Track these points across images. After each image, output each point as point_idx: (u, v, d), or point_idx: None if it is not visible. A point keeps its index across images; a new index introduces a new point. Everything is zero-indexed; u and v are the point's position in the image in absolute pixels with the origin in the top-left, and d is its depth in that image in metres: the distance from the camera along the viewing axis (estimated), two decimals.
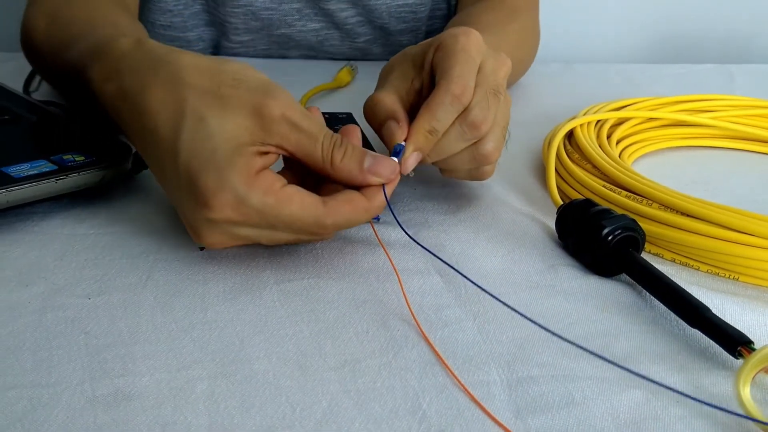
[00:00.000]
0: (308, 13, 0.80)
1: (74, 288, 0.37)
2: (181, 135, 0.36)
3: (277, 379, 0.32)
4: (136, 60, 0.40)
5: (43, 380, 0.31)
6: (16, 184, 0.41)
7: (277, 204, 0.36)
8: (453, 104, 0.41)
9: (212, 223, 0.37)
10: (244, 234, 0.38)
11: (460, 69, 0.42)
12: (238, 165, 0.35)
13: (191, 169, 0.36)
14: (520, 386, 0.32)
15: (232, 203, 0.36)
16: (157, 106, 0.37)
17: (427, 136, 0.42)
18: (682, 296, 0.37)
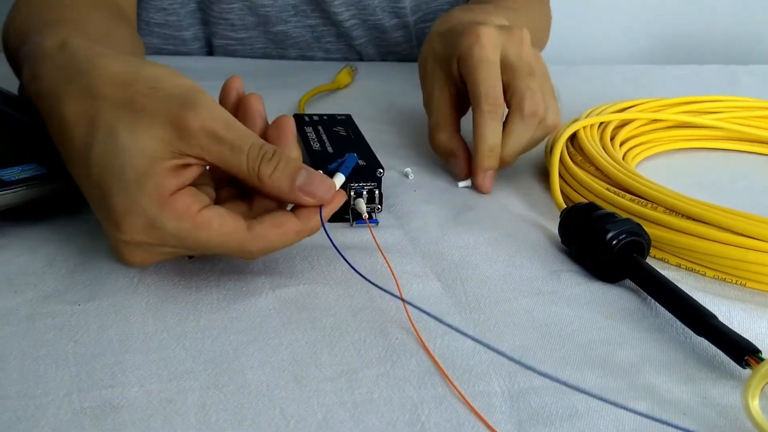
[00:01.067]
0: (304, 9, 0.79)
1: (63, 294, 0.36)
2: (92, 150, 0.34)
3: (271, 390, 0.31)
4: (55, 65, 0.38)
5: (29, 391, 0.30)
6: (6, 187, 0.40)
7: (194, 229, 0.34)
8: (492, 118, 0.48)
9: (129, 245, 0.35)
10: (166, 251, 0.36)
11: (485, 85, 0.48)
12: (148, 186, 0.33)
13: (103, 187, 0.34)
14: (522, 397, 0.31)
15: (144, 226, 0.33)
16: (71, 117, 0.35)
17: (490, 155, 0.49)
18: (688, 303, 0.36)
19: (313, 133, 0.50)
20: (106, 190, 0.34)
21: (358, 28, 0.81)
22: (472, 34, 0.48)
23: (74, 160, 0.36)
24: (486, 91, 0.48)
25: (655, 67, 0.86)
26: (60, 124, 0.36)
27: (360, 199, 0.44)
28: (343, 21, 0.80)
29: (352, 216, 0.44)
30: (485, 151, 0.48)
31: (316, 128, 0.51)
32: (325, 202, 0.36)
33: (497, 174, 0.52)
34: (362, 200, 0.44)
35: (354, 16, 0.80)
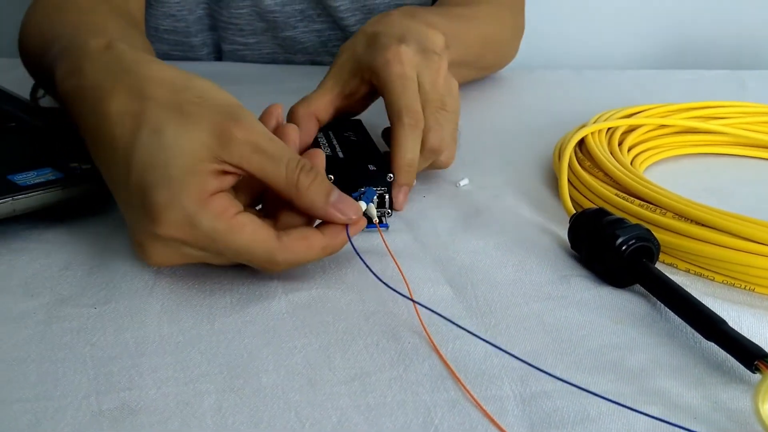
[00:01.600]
0: (311, 14, 0.80)
1: (80, 298, 0.37)
2: (136, 146, 0.35)
3: (286, 393, 0.31)
4: (102, 63, 0.39)
5: (48, 393, 0.30)
6: (22, 192, 0.40)
7: (228, 231, 0.35)
8: (414, 133, 0.46)
9: (159, 240, 0.35)
10: (191, 254, 0.36)
11: (405, 99, 0.46)
12: (191, 184, 0.34)
13: (144, 182, 0.34)
14: (534, 401, 0.31)
15: (181, 222, 0.34)
16: (116, 114, 0.36)
17: (408, 170, 0.46)
18: (697, 308, 0.36)
19: (324, 138, 0.50)
20: (148, 185, 0.34)
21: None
22: (391, 51, 0.47)
23: (112, 155, 0.36)
24: (408, 104, 0.46)
25: (663, 72, 0.86)
26: (102, 118, 0.36)
27: (371, 204, 0.44)
28: (349, 26, 0.80)
29: None
30: (404, 167, 0.46)
31: (326, 133, 0.51)
32: (352, 222, 0.38)
33: (505, 179, 0.53)
34: (373, 205, 0.44)
35: (360, 21, 0.80)
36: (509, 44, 0.78)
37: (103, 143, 0.37)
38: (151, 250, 0.36)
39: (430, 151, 0.48)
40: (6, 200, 0.39)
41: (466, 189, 0.52)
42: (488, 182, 0.53)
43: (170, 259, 0.37)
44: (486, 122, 0.66)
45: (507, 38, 0.77)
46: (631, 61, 1.10)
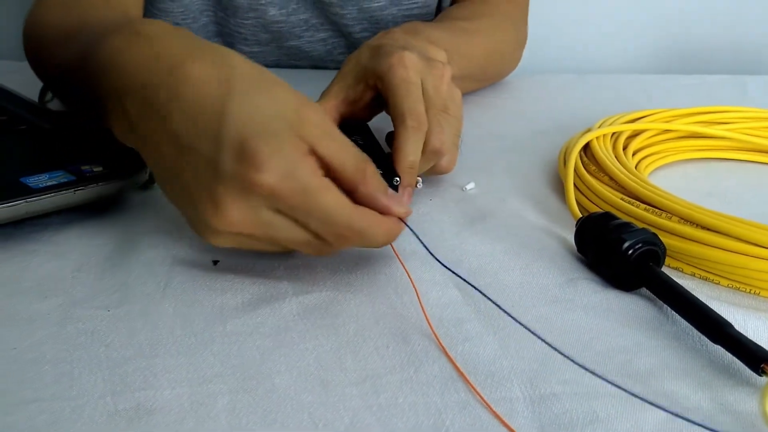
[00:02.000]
0: (315, 23, 0.80)
1: (93, 299, 0.37)
2: (232, 104, 0.35)
3: (299, 394, 0.32)
4: (177, 34, 0.39)
5: (64, 393, 0.31)
6: (35, 194, 0.41)
7: (320, 188, 0.35)
8: (416, 136, 0.46)
9: (246, 194, 0.34)
10: (265, 220, 0.35)
11: (409, 102, 0.46)
12: (294, 137, 0.35)
13: (244, 133, 0.34)
14: (543, 403, 0.32)
15: (283, 171, 0.34)
16: (200, 77, 0.36)
17: (409, 171, 0.46)
18: (704, 312, 0.37)
19: None
20: (250, 135, 0.34)
21: (369, 34, 0.82)
22: (395, 56, 0.48)
23: (194, 113, 0.36)
24: (411, 107, 0.46)
25: (665, 77, 0.86)
26: (182, 81, 0.36)
27: None
28: (353, 33, 0.81)
29: None
30: (406, 168, 0.46)
31: None
32: (403, 216, 0.39)
33: (511, 182, 0.53)
34: None
35: (365, 30, 0.81)
36: (512, 55, 0.78)
37: (181, 102, 0.36)
38: (231, 206, 0.35)
39: (432, 152, 0.48)
40: (19, 203, 0.40)
41: (473, 193, 0.53)
42: (494, 186, 0.54)
43: (241, 224, 0.35)
44: (490, 126, 0.67)
45: (509, 50, 0.78)
46: (633, 65, 1.11)
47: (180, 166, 0.36)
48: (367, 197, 0.38)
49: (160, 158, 0.37)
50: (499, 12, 0.75)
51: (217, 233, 0.36)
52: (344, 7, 0.78)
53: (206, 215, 0.35)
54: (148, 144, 0.38)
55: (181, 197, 0.37)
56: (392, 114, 0.48)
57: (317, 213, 0.36)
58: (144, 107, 0.37)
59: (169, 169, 0.37)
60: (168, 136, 0.36)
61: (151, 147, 0.38)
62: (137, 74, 0.38)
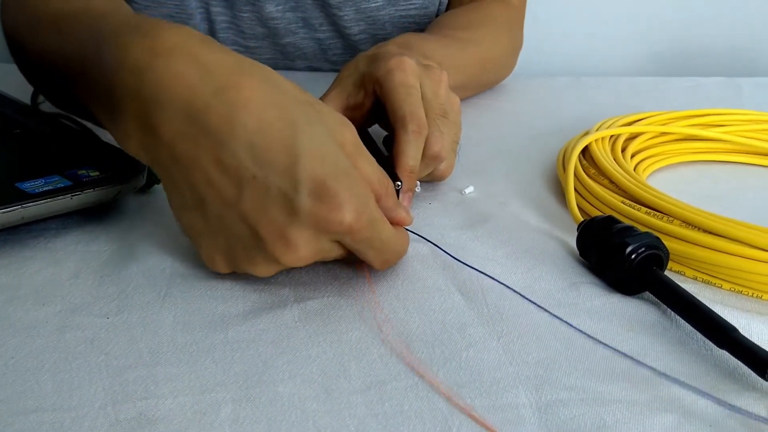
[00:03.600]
0: (313, 23, 0.80)
1: (91, 307, 0.37)
2: (300, 138, 0.34)
3: (303, 403, 0.31)
4: (215, 49, 0.36)
5: (64, 403, 0.30)
6: (31, 200, 0.40)
7: (382, 221, 0.37)
8: (417, 140, 0.46)
9: (323, 232, 0.35)
10: (326, 248, 0.36)
11: (409, 106, 0.46)
12: (358, 174, 0.36)
13: (321, 174, 0.34)
14: (550, 409, 0.32)
15: (358, 209, 0.34)
16: (259, 102, 0.34)
17: (410, 176, 0.46)
18: (708, 316, 0.36)
19: None
20: (326, 176, 0.34)
21: (366, 42, 0.82)
22: (394, 60, 0.48)
23: (264, 142, 0.34)
24: (411, 111, 0.46)
25: (660, 79, 0.86)
26: (240, 106, 0.34)
27: None
28: (352, 35, 0.80)
29: None
30: (406, 173, 0.45)
31: None
32: (411, 224, 0.40)
33: (510, 185, 0.53)
34: None
35: (363, 31, 0.81)
36: (506, 62, 0.78)
37: (241, 129, 0.34)
38: (305, 244, 0.35)
39: (431, 158, 0.48)
40: (15, 208, 0.39)
41: (472, 196, 0.52)
42: (493, 189, 0.54)
43: (308, 258, 0.36)
44: (487, 129, 0.66)
45: (504, 57, 0.78)
46: (629, 68, 1.11)
47: (230, 195, 0.35)
48: (387, 211, 0.38)
49: (195, 182, 0.35)
50: (494, 18, 0.75)
51: (276, 267, 0.37)
52: (342, 9, 0.78)
53: (275, 252, 0.35)
54: (179, 164, 0.35)
55: (212, 225, 0.36)
56: (392, 118, 0.47)
57: (378, 243, 0.37)
58: (189, 127, 0.35)
59: (203, 194, 0.35)
60: (220, 162, 0.34)
61: (184, 168, 0.35)
62: (176, 90, 0.35)
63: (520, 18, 0.80)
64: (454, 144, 0.50)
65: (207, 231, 0.37)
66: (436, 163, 0.49)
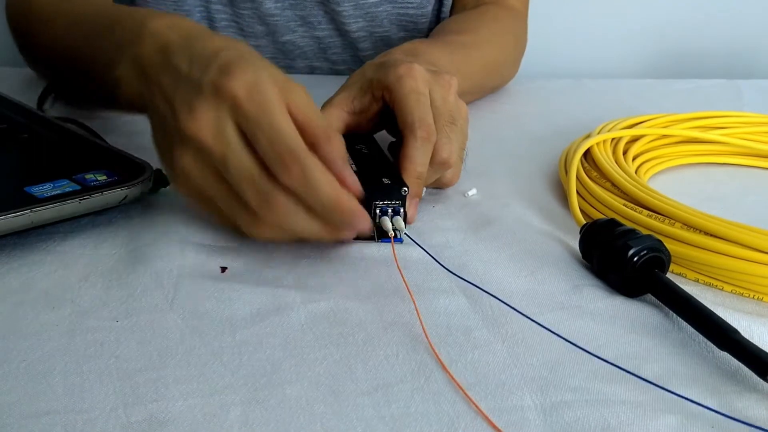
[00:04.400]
0: (312, 21, 0.80)
1: (101, 310, 0.37)
2: (243, 58, 0.40)
3: (311, 405, 0.32)
4: (193, 21, 0.47)
5: (76, 406, 0.31)
6: (40, 204, 0.40)
7: (278, 109, 0.39)
8: (425, 146, 0.47)
9: (217, 99, 0.39)
10: (226, 134, 0.39)
11: (419, 112, 0.47)
12: (270, 75, 0.40)
13: (231, 58, 0.40)
14: (555, 411, 0.32)
15: (251, 84, 0.39)
16: (218, 41, 0.43)
17: (417, 182, 0.46)
18: (710, 318, 0.37)
19: None
20: (233, 58, 0.40)
21: (365, 40, 0.83)
22: (404, 67, 0.49)
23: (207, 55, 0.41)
24: (421, 117, 0.47)
25: (661, 82, 0.87)
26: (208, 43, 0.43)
27: (385, 217, 0.44)
28: (350, 32, 0.81)
29: (377, 233, 0.45)
30: (413, 179, 0.46)
31: None
32: (357, 193, 0.41)
33: (513, 188, 0.53)
34: (387, 218, 0.44)
35: (362, 28, 0.81)
36: (511, 65, 0.79)
37: (201, 51, 0.42)
38: (202, 108, 0.39)
39: (440, 164, 0.48)
40: (24, 212, 0.40)
41: (475, 199, 0.53)
42: (496, 192, 0.54)
43: (206, 129, 0.39)
44: (489, 132, 0.67)
45: (509, 60, 0.78)
46: (629, 70, 1.11)
47: (170, 95, 0.41)
48: (326, 159, 0.40)
49: (156, 102, 0.42)
50: (497, 22, 0.76)
51: (183, 144, 0.40)
52: (341, 4, 0.79)
53: (180, 118, 0.40)
54: (151, 88, 0.43)
55: (165, 136, 0.42)
56: (401, 124, 0.47)
57: (268, 130, 0.38)
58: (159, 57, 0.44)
59: (162, 110, 0.42)
60: (175, 78, 0.42)
61: (154, 91, 0.43)
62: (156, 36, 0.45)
63: (523, 21, 0.80)
64: (461, 151, 0.51)
65: (165, 144, 0.42)
66: (443, 170, 0.49)
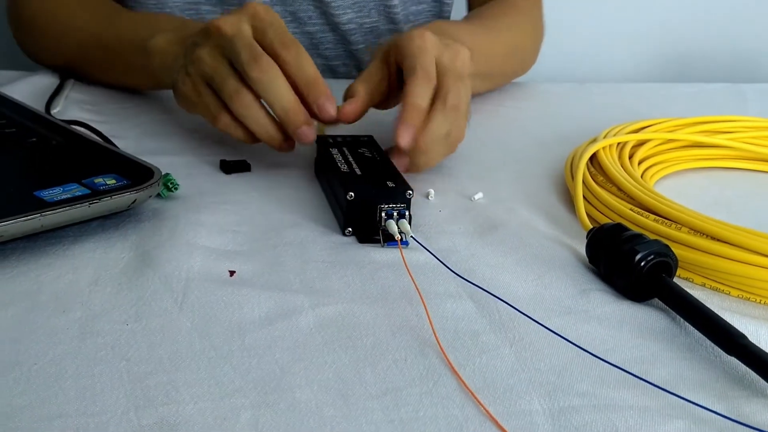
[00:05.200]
0: (302, 17, 0.81)
1: (111, 313, 0.37)
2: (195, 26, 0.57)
3: (321, 409, 0.32)
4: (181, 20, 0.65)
5: (88, 409, 0.31)
6: (50, 208, 0.41)
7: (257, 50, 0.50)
8: (425, 84, 0.51)
9: (239, 13, 0.51)
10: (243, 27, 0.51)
11: (422, 61, 0.51)
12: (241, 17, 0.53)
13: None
14: (563, 416, 0.32)
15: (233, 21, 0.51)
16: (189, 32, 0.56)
17: (415, 111, 0.50)
18: (717, 323, 0.37)
19: (339, 155, 0.51)
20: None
21: (355, 32, 0.83)
22: (416, 31, 0.53)
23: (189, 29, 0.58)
24: (423, 64, 0.51)
25: (665, 86, 0.87)
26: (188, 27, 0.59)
27: (391, 221, 0.45)
28: (341, 23, 0.82)
29: (383, 237, 0.45)
30: (411, 106, 0.50)
31: (341, 150, 0.52)
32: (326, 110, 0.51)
33: (519, 192, 0.54)
34: (393, 221, 0.45)
35: (352, 20, 0.82)
36: (531, 51, 0.81)
37: (188, 30, 0.57)
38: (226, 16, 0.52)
39: (452, 108, 0.51)
40: (35, 216, 0.40)
41: (481, 203, 0.53)
42: (502, 196, 0.54)
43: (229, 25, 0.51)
44: (493, 136, 0.67)
45: (528, 46, 0.80)
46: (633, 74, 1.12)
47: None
48: (313, 97, 0.51)
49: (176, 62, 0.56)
50: (517, 10, 0.78)
51: (205, 37, 0.52)
52: None
53: (210, 22, 0.52)
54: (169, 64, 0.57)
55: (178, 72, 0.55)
56: (405, 73, 0.51)
57: (278, 25, 0.51)
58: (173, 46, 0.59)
59: (175, 66, 0.56)
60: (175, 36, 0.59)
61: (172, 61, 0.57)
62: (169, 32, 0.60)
63: (538, 10, 0.82)
64: (467, 109, 0.53)
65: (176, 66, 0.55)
66: (455, 115, 0.51)
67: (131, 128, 0.62)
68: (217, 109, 0.52)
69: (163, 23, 0.63)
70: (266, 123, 0.52)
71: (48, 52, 0.73)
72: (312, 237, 0.46)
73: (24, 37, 0.75)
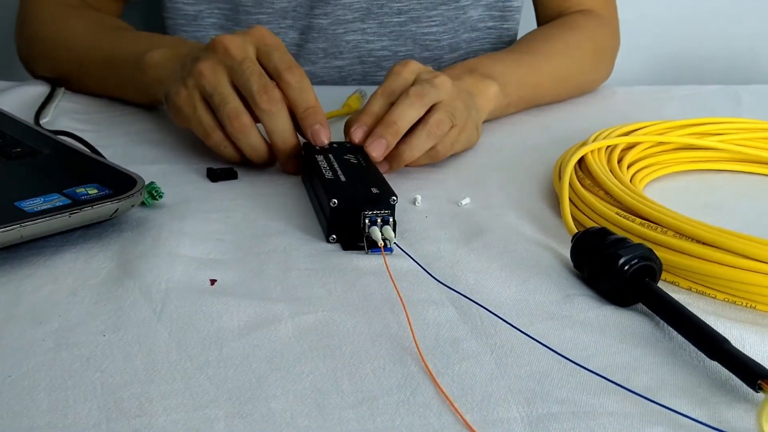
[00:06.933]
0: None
1: (88, 324, 0.37)
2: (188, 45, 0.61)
3: (295, 419, 0.32)
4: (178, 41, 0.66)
5: (59, 422, 0.31)
6: (30, 219, 0.40)
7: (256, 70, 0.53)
8: (382, 97, 0.55)
9: (245, 35, 0.54)
10: (248, 49, 0.53)
11: (388, 82, 0.56)
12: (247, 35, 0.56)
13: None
14: (541, 423, 0.32)
15: (238, 44, 0.53)
16: (188, 45, 0.61)
17: (364, 116, 0.55)
18: (700, 328, 0.37)
19: (325, 161, 0.51)
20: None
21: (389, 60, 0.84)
22: (402, 60, 0.59)
23: (183, 49, 0.60)
24: (385, 85, 0.56)
25: (658, 88, 0.86)
26: (185, 46, 0.61)
27: (375, 227, 0.44)
28: (375, 50, 0.83)
29: (367, 244, 0.45)
30: (364, 114, 0.55)
31: (326, 156, 0.52)
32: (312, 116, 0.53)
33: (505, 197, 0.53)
34: (377, 228, 0.44)
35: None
36: (591, 70, 0.80)
37: (186, 48, 0.60)
38: (232, 36, 0.54)
39: (435, 124, 0.55)
40: (14, 227, 0.40)
41: (468, 208, 0.53)
42: (489, 201, 0.54)
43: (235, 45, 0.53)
44: (483, 140, 0.66)
45: (586, 67, 0.79)
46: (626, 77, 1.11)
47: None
48: (289, 87, 0.52)
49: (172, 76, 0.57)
50: (575, 30, 0.78)
51: (210, 52, 0.54)
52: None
53: (215, 39, 0.54)
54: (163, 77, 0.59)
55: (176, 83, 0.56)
56: None
57: (283, 51, 0.54)
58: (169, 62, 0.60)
59: (173, 79, 0.57)
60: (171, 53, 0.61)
61: (166, 72, 0.59)
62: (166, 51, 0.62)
63: (606, 27, 0.82)
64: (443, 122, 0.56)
65: (171, 79, 0.57)
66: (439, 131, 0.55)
67: (120, 136, 0.62)
68: (211, 126, 0.54)
69: (161, 40, 0.65)
70: (259, 147, 0.54)
71: (46, 62, 0.73)
72: (296, 244, 0.46)
73: (27, 49, 0.75)
